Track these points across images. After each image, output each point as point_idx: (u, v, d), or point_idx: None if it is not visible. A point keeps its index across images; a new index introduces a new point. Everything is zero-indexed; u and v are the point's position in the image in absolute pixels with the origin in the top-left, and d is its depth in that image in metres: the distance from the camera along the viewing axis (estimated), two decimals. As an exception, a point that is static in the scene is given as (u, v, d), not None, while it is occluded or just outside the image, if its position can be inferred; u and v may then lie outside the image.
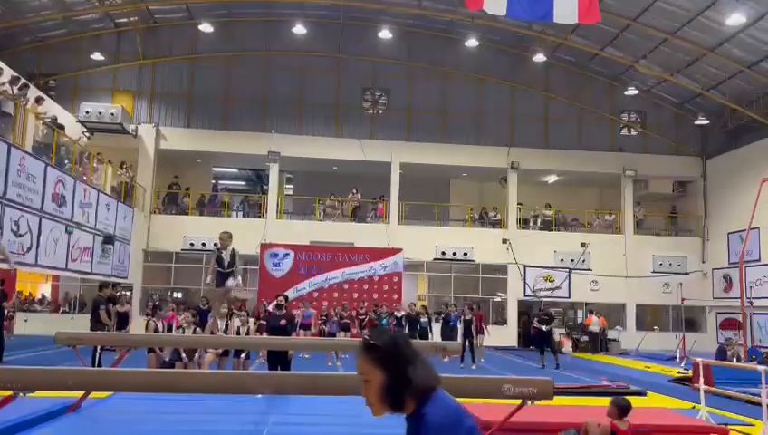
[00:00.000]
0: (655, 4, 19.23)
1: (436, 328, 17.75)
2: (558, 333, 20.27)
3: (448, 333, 16.76)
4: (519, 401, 4.87)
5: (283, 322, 9.91)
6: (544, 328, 16.27)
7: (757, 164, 20.90)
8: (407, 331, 16.70)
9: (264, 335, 10.09)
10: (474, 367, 15.06)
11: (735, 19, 18.66)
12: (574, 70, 25.17)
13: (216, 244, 9.70)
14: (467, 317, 15.94)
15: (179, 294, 23.90)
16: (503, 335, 22.36)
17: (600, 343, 22.20)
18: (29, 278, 20.88)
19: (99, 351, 10.67)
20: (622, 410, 5.62)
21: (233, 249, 9.45)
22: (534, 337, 17.47)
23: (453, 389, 5.32)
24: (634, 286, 23.67)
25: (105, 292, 11.86)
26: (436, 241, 23.31)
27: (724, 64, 21.29)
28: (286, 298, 11.15)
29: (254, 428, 6.22)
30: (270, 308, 13.41)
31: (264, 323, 11.99)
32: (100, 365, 10.36)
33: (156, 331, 10.80)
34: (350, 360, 14.88)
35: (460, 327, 16.30)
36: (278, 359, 9.35)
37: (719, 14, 18.81)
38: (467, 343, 15.39)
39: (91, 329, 11.37)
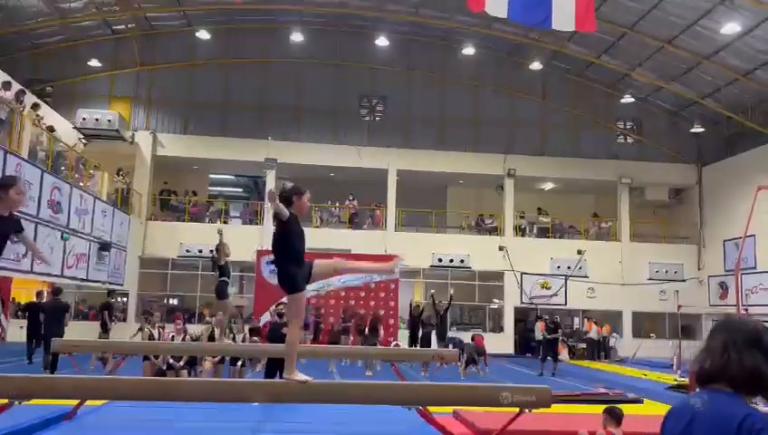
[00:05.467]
0: (651, 12, 19.33)
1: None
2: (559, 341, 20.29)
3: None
4: (517, 410, 4.87)
5: (285, 330, 9.88)
6: (551, 336, 16.31)
7: (753, 172, 20.97)
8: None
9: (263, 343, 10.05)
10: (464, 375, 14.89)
11: (731, 28, 18.77)
12: (570, 78, 25.27)
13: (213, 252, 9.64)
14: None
15: (175, 301, 23.86)
16: (499, 342, 22.32)
17: (598, 350, 22.23)
18: (24, 285, 20.79)
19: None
20: (618, 418, 5.65)
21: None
22: (540, 344, 17.35)
23: (451, 397, 5.33)
24: (630, 294, 23.67)
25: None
26: (433, 248, 23.32)
27: (720, 73, 21.39)
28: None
29: (251, 436, 6.20)
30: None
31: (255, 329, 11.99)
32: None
33: (151, 338, 10.77)
34: (347, 368, 14.85)
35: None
36: (279, 367, 9.33)
37: (714, 22, 18.91)
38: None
39: (55, 334, 11.37)
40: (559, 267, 23.76)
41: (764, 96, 21.31)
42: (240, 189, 29.74)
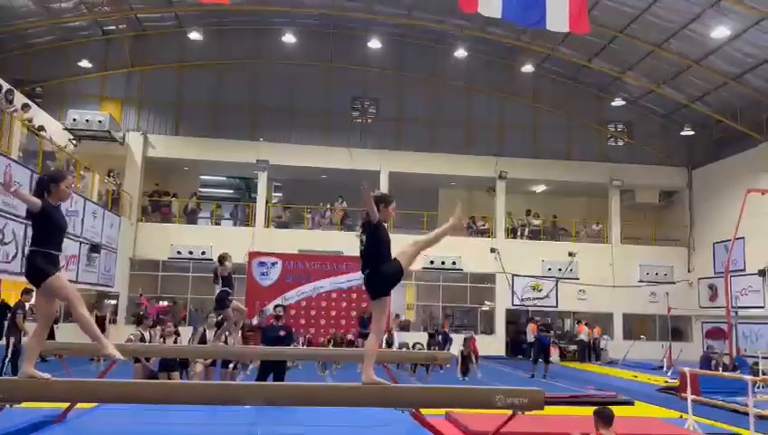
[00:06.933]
0: (641, 16, 19.45)
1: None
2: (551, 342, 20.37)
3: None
4: (510, 412, 4.88)
5: (282, 332, 9.89)
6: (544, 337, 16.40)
7: (742, 175, 21.14)
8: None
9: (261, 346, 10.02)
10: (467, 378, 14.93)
11: (720, 32, 18.90)
12: (562, 81, 25.36)
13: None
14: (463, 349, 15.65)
15: (166, 303, 23.72)
16: (491, 344, 22.35)
17: (589, 352, 22.31)
18: (13, 287, 20.66)
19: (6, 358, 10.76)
20: (608, 419, 5.66)
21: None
22: (534, 346, 17.37)
23: (445, 399, 5.32)
24: (621, 296, 23.77)
25: (26, 298, 11.86)
26: (425, 250, 23.26)
27: (710, 76, 21.55)
28: (284, 308, 11.10)
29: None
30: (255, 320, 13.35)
31: (251, 332, 11.94)
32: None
33: (142, 340, 10.71)
34: (344, 371, 14.82)
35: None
36: (275, 370, 9.33)
37: (704, 26, 19.05)
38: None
39: (7, 334, 11.37)
40: (550, 269, 23.84)
41: (753, 100, 21.48)
42: (231, 191, 29.62)
